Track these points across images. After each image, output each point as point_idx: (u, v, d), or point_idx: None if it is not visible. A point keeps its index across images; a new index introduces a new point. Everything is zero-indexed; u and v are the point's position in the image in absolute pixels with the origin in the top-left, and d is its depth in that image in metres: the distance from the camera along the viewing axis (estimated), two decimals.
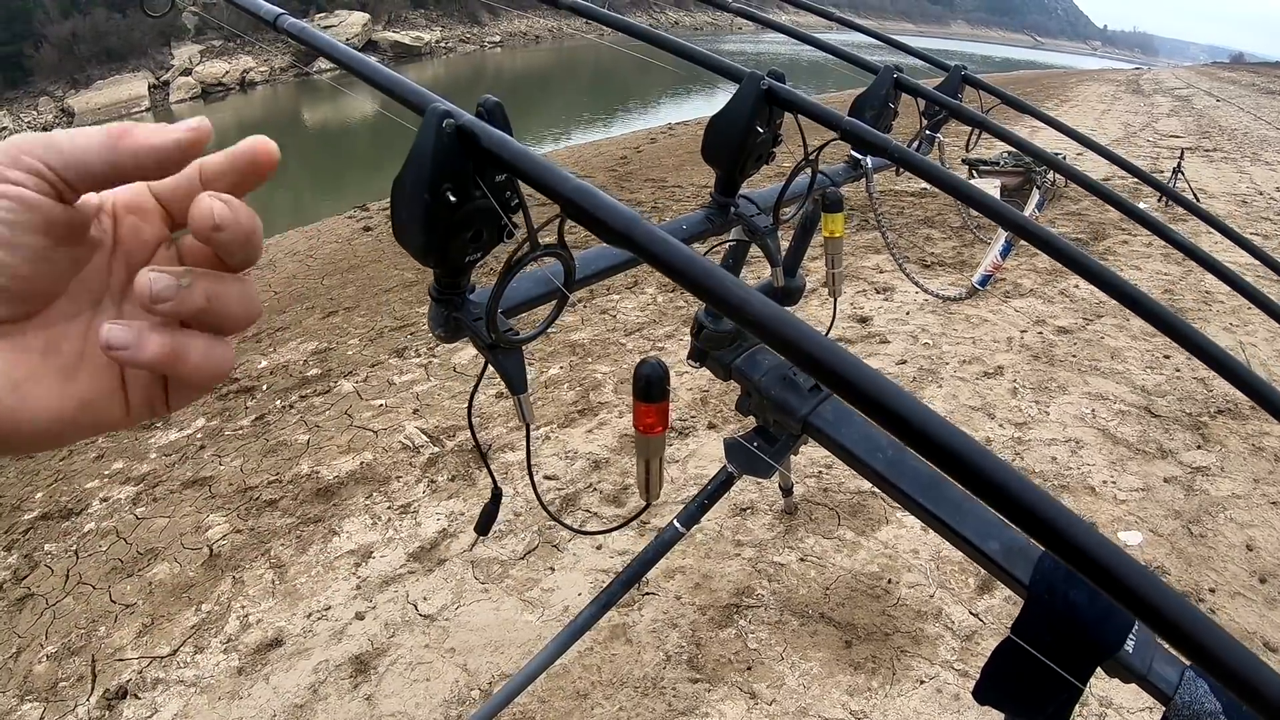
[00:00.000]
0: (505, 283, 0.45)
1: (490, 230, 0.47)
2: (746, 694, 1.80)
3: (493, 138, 0.36)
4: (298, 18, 0.66)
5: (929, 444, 0.25)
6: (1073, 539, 0.28)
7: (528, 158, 0.33)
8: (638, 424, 0.83)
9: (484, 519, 0.77)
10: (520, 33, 40.16)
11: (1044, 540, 0.27)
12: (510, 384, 0.58)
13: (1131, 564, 0.29)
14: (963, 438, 0.25)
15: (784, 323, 0.24)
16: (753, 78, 0.78)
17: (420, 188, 0.42)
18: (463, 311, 0.56)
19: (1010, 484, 0.25)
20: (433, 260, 0.49)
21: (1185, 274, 4.47)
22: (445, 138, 0.40)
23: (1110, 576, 0.28)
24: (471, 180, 0.43)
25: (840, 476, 2.54)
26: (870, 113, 1.11)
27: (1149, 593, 0.28)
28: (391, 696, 1.85)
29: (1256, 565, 2.19)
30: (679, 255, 0.26)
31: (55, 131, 0.29)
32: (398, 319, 4.21)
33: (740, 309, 0.24)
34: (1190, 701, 0.71)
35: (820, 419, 0.75)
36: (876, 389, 0.24)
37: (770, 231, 0.88)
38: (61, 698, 1.93)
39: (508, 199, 0.44)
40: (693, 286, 0.26)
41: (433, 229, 0.45)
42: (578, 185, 0.29)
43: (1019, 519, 0.25)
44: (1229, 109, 13.21)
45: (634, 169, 8.06)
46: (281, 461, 2.87)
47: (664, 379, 0.81)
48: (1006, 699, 0.76)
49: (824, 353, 0.24)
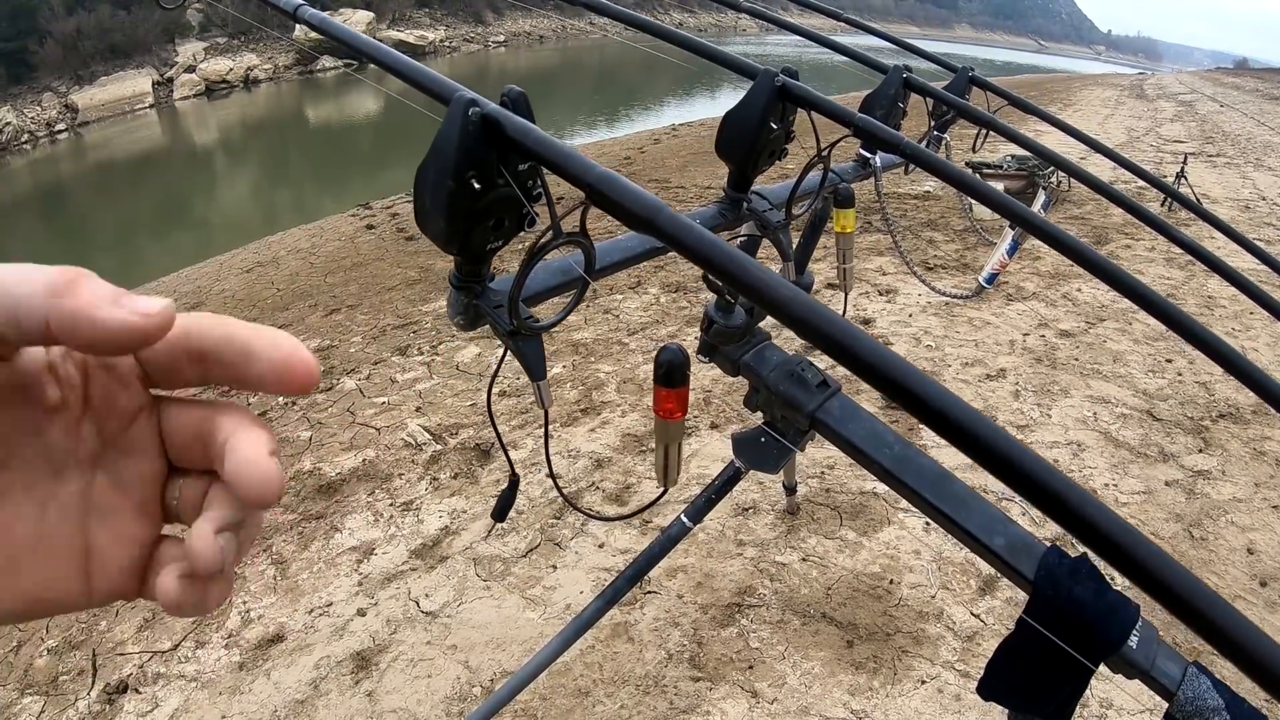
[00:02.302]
0: (529, 269, 0.45)
1: (512, 218, 0.48)
2: (748, 693, 1.81)
3: (517, 126, 0.37)
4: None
5: (938, 417, 0.25)
6: (1083, 514, 0.28)
7: (551, 145, 0.34)
8: (658, 409, 0.83)
9: (501, 505, 0.77)
10: (525, 32, 40.17)
11: (1056, 516, 0.27)
12: (530, 370, 0.58)
13: (1141, 539, 0.30)
14: (972, 412, 0.25)
15: (802, 303, 0.25)
16: (767, 74, 0.78)
17: (445, 175, 0.42)
18: (483, 299, 0.56)
19: (1024, 460, 0.26)
20: (455, 247, 0.49)
21: (1188, 278, 4.47)
22: (471, 126, 0.40)
23: (1121, 551, 0.29)
24: (495, 169, 0.43)
25: (843, 477, 2.54)
26: (880, 111, 1.11)
27: (1159, 568, 0.29)
28: (393, 693, 1.85)
29: (1257, 569, 2.19)
30: (702, 240, 0.26)
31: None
32: (400, 317, 4.21)
33: (759, 290, 0.25)
34: (1193, 697, 0.72)
35: (828, 414, 0.76)
36: (890, 366, 0.25)
37: (782, 226, 0.89)
38: (62, 692, 1.94)
39: (530, 187, 0.44)
40: (715, 269, 0.26)
41: (456, 216, 0.45)
42: (602, 173, 0.30)
43: (1030, 493, 0.26)
44: (1232, 114, 13.21)
45: (638, 170, 8.07)
46: (284, 458, 2.88)
47: (684, 365, 0.82)
48: (1011, 693, 0.77)
49: (840, 332, 0.24)
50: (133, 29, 24.58)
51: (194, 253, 7.95)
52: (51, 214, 13.88)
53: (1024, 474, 0.26)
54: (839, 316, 0.26)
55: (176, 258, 8.00)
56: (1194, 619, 0.28)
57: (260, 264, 6.31)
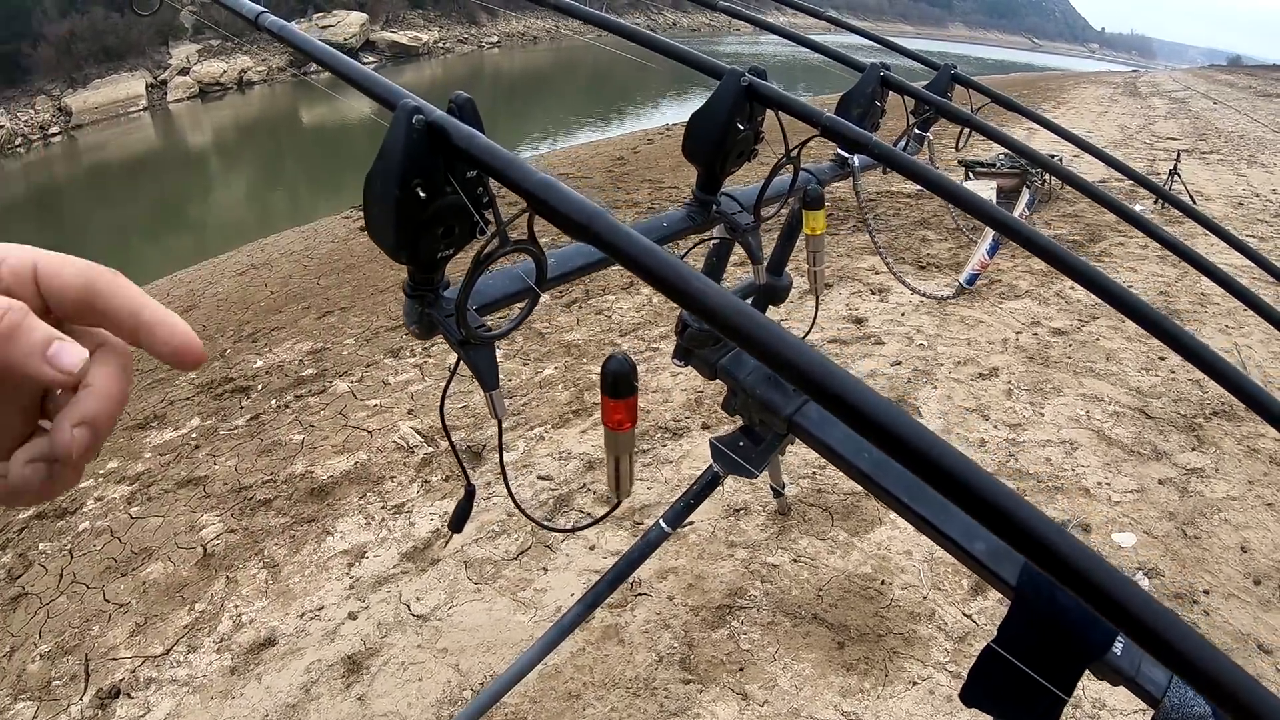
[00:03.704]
0: (474, 278, 0.45)
1: (462, 226, 0.47)
2: (738, 695, 1.80)
3: (462, 133, 0.36)
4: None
5: (880, 431, 0.24)
6: (1045, 540, 0.27)
7: (493, 152, 0.33)
8: (606, 421, 0.82)
9: (457, 516, 0.77)
10: (518, 33, 40.15)
11: (1012, 540, 0.27)
12: (481, 380, 0.58)
13: (1107, 568, 0.29)
14: (921, 430, 0.25)
15: (739, 312, 0.24)
16: (733, 74, 0.77)
17: (391, 184, 0.42)
18: (436, 308, 0.55)
19: (977, 482, 0.25)
20: (404, 256, 0.48)
21: (1181, 275, 4.47)
22: (415, 133, 0.40)
23: (1085, 580, 0.28)
24: (443, 176, 0.42)
25: (833, 478, 2.53)
26: (857, 110, 1.10)
27: (1124, 597, 0.28)
28: (384, 696, 1.84)
29: (1251, 567, 2.19)
30: (639, 248, 0.26)
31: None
32: (393, 319, 4.20)
33: (698, 300, 0.24)
34: (1179, 704, 0.71)
35: (805, 418, 0.75)
36: (814, 366, 0.24)
37: (752, 229, 0.88)
38: (55, 697, 1.93)
39: (479, 195, 0.43)
40: (651, 278, 0.26)
41: (403, 225, 0.44)
42: (541, 179, 0.29)
43: (983, 516, 0.25)
44: (1226, 111, 13.23)
45: (631, 170, 8.07)
46: (276, 461, 2.87)
47: (630, 374, 0.81)
48: (993, 702, 0.76)
49: (779, 343, 0.24)
50: (126, 31, 24.53)
51: (188, 255, 7.95)
52: (45, 217, 13.86)
53: (975, 495, 0.26)
54: (774, 324, 0.25)
55: (170, 260, 7.99)
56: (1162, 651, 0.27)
57: (254, 266, 6.30)
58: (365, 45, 30.69)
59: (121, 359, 0.33)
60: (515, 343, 3.67)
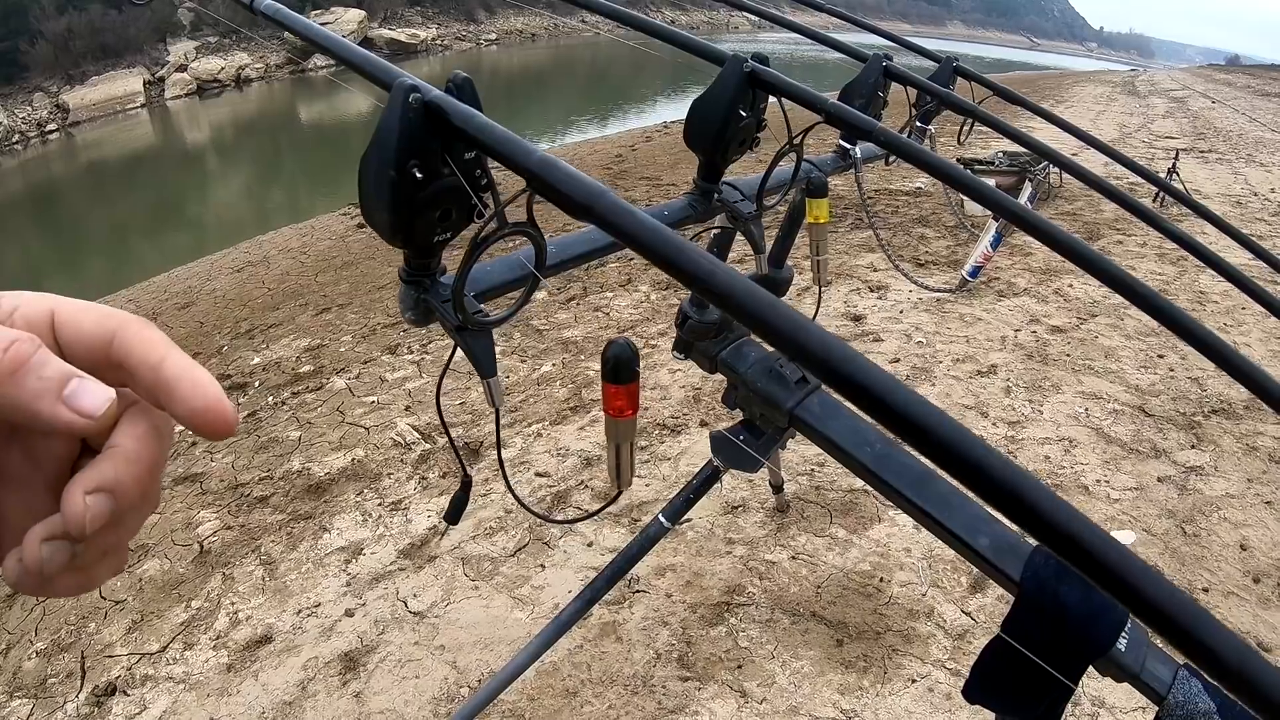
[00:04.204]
0: (471, 261, 0.43)
1: (460, 209, 0.46)
2: (737, 692, 1.79)
3: (460, 112, 0.35)
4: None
5: (897, 417, 0.23)
6: (1059, 524, 0.26)
7: (493, 131, 0.32)
8: (607, 407, 0.81)
9: (453, 508, 0.76)
10: (516, 30, 40.11)
11: (1028, 526, 0.26)
12: (479, 367, 0.57)
13: (1122, 551, 0.28)
14: (940, 415, 0.24)
15: (751, 294, 0.23)
16: (735, 59, 0.76)
17: (386, 164, 0.40)
18: (432, 293, 0.54)
19: (990, 464, 0.24)
20: (400, 240, 0.47)
21: (1180, 274, 4.47)
22: (412, 113, 0.38)
23: (1098, 564, 0.27)
24: (440, 157, 0.41)
25: (833, 474, 2.53)
26: (860, 100, 1.09)
27: (1140, 582, 0.27)
28: (381, 694, 1.83)
29: (1250, 565, 2.19)
30: (644, 227, 0.25)
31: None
32: (391, 315, 4.19)
33: (706, 280, 0.23)
34: (1184, 701, 0.70)
35: (807, 412, 0.74)
36: (836, 356, 0.23)
37: (754, 218, 0.87)
38: (51, 694, 1.92)
39: (477, 177, 0.42)
40: (657, 259, 0.25)
41: (399, 207, 0.43)
42: (542, 158, 0.28)
43: (999, 502, 0.24)
44: (1224, 111, 13.23)
45: (629, 167, 8.05)
46: (273, 458, 2.86)
47: (632, 359, 0.79)
48: (996, 698, 0.75)
49: (791, 326, 0.23)
50: (124, 28, 24.48)
51: (185, 252, 7.92)
52: (43, 214, 13.82)
53: (991, 479, 0.25)
54: (783, 304, 0.24)
55: (168, 257, 7.96)
56: (1177, 636, 0.26)
57: (251, 263, 6.28)
58: (363, 43, 30.60)
59: (157, 420, 0.29)
60: (513, 339, 3.66)
